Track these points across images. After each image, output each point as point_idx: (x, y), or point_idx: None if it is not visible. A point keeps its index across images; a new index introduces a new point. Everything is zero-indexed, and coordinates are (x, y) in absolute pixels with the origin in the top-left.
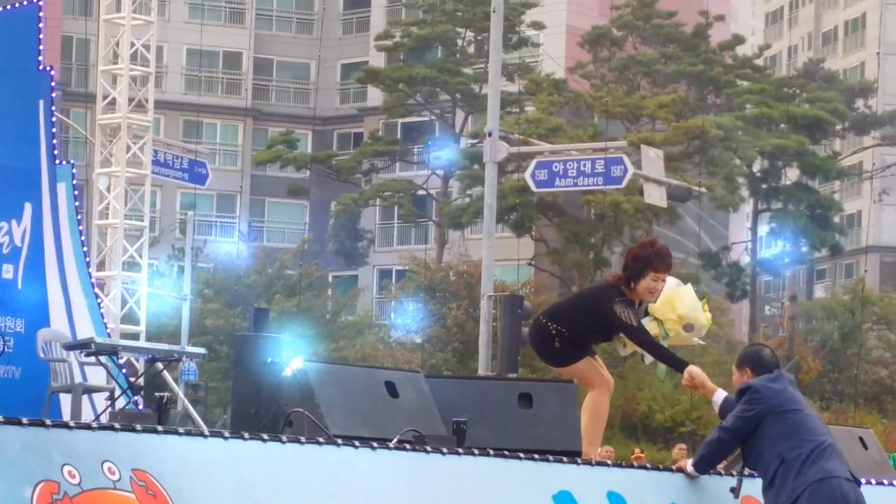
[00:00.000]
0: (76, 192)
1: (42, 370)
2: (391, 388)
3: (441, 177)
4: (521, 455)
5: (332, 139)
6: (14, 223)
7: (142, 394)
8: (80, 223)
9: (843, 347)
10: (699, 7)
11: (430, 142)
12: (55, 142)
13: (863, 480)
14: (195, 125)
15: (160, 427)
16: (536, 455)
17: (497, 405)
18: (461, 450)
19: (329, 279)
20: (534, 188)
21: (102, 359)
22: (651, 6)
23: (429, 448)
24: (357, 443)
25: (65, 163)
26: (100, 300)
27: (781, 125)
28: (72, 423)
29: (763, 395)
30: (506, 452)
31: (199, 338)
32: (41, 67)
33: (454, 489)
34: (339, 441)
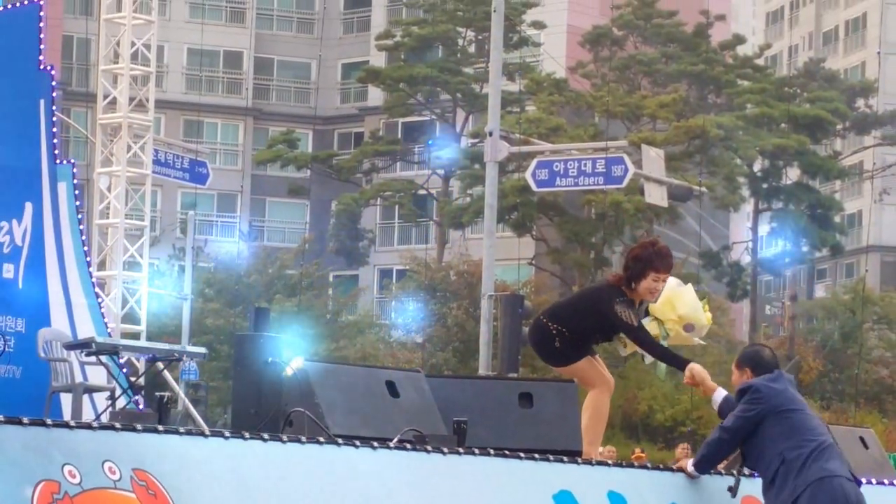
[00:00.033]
0: (77, 192)
1: (43, 370)
2: (392, 388)
3: (442, 176)
4: (522, 455)
5: (333, 139)
6: (15, 223)
7: (142, 393)
8: (81, 223)
9: (844, 347)
10: (700, 7)
11: (431, 141)
12: (56, 141)
13: (863, 480)
14: (196, 125)
15: (161, 427)
16: (537, 455)
17: (497, 405)
18: (462, 449)
19: (330, 279)
20: (534, 188)
21: (103, 358)
22: (652, 6)
23: (429, 448)
24: (358, 442)
25: (65, 162)
26: (100, 300)
27: (782, 125)
28: (72, 423)
29: (764, 395)
30: (506, 452)
31: (200, 337)
32: (42, 67)
33: (455, 489)
34: (340, 441)
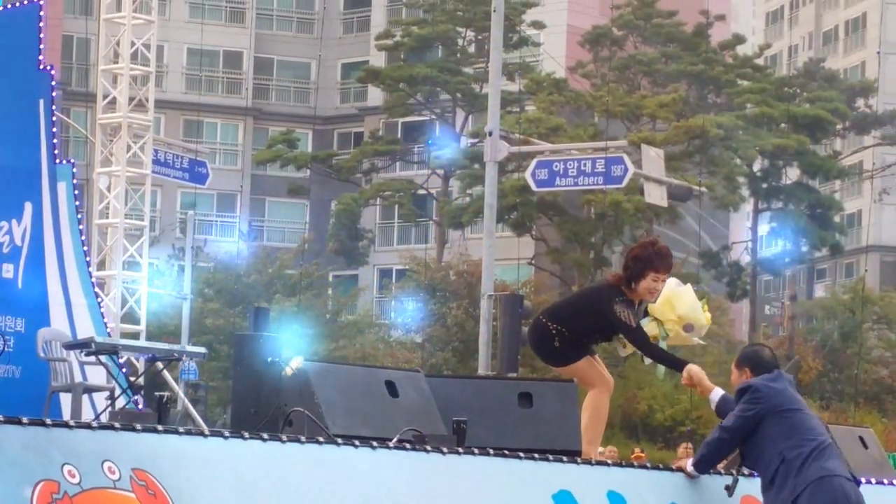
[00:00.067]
0: (76, 192)
1: (42, 369)
2: (391, 388)
3: (441, 176)
4: (521, 454)
5: (333, 139)
6: (14, 222)
7: (142, 393)
8: (81, 222)
9: (844, 347)
10: (700, 6)
11: (431, 141)
12: (55, 141)
13: (863, 480)
14: (195, 124)
15: (160, 426)
16: (536, 454)
17: (497, 405)
18: (461, 449)
19: (329, 279)
20: (534, 187)
21: (102, 358)
22: (651, 6)
23: (429, 447)
24: (357, 442)
25: (65, 162)
26: (100, 299)
27: (782, 125)
28: (72, 423)
29: (764, 395)
30: (506, 452)
31: (200, 337)
32: (41, 67)
33: (454, 488)
34: (339, 440)
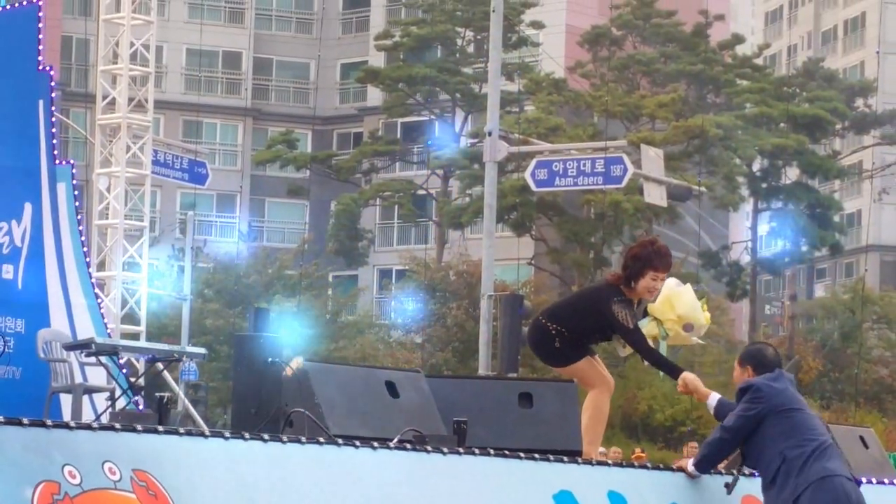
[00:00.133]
0: (76, 193)
1: (42, 370)
2: (391, 388)
3: (441, 176)
4: (522, 455)
5: (332, 139)
6: (14, 223)
7: (142, 394)
8: (80, 223)
9: (844, 347)
10: (699, 6)
11: (430, 141)
12: (55, 142)
13: (863, 480)
14: (195, 125)
15: (161, 427)
16: (537, 455)
17: (497, 405)
18: (461, 449)
19: (329, 279)
20: (534, 187)
21: (103, 359)
22: (650, 5)
23: (429, 448)
24: (357, 443)
25: (65, 163)
26: (100, 300)
27: (781, 124)
28: (72, 424)
29: (765, 394)
30: (506, 452)
31: (200, 338)
32: (41, 67)
33: (454, 489)
34: (340, 441)
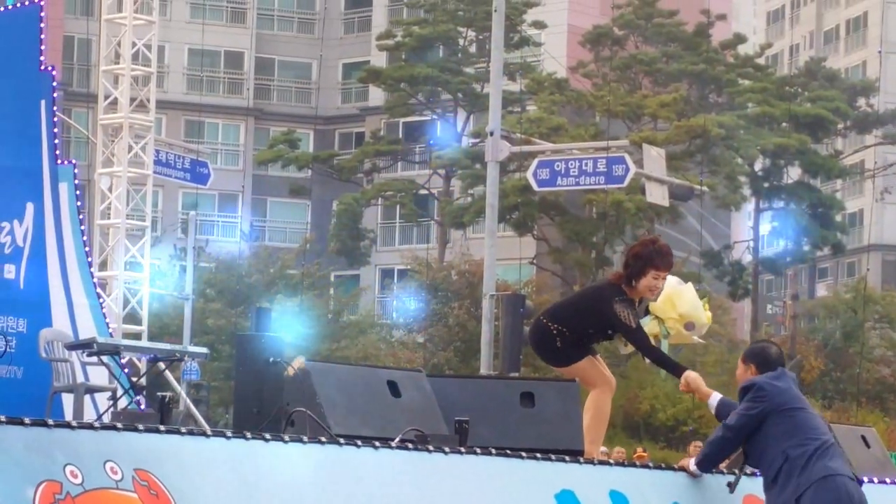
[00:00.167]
0: (78, 192)
1: (44, 370)
2: (393, 388)
3: (443, 176)
4: (524, 454)
5: (334, 139)
6: (16, 223)
7: (144, 393)
8: (82, 223)
9: (846, 346)
10: (701, 6)
11: (432, 141)
12: (57, 142)
13: (865, 479)
14: (197, 125)
15: (162, 427)
16: (539, 454)
17: (499, 404)
18: (463, 449)
19: (331, 279)
20: (535, 187)
21: (104, 359)
22: (652, 5)
23: (431, 447)
24: (359, 442)
25: (66, 163)
26: (102, 300)
27: (783, 124)
28: (74, 423)
29: (768, 393)
30: (508, 452)
31: (201, 337)
32: (43, 67)
33: (456, 488)
34: (342, 440)
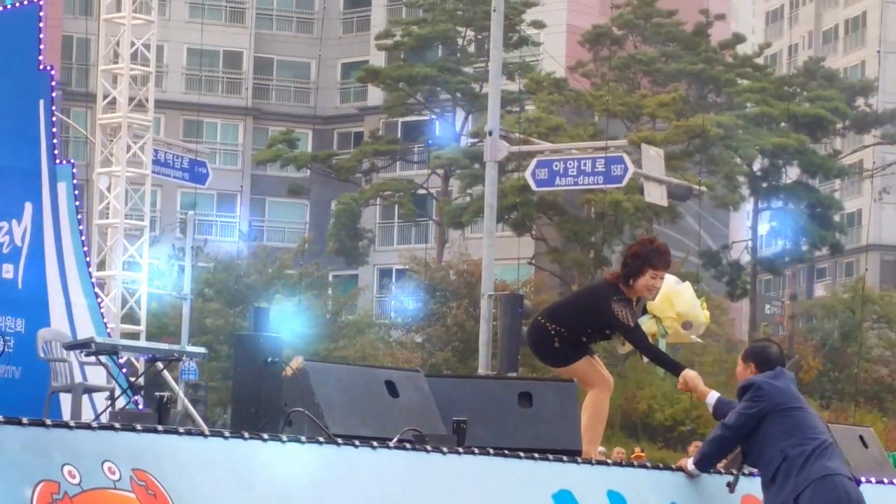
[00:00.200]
0: (76, 192)
1: (42, 370)
2: (391, 388)
3: (441, 176)
4: (521, 454)
5: (333, 138)
6: (14, 223)
7: (142, 393)
8: (81, 223)
9: (844, 346)
10: (699, 6)
11: (431, 141)
12: (55, 141)
13: (863, 479)
14: (195, 125)
15: (160, 427)
16: (536, 454)
17: (497, 404)
18: (461, 449)
19: (329, 278)
20: (534, 187)
21: (102, 358)
22: (651, 5)
23: (429, 447)
24: (357, 442)
25: (65, 162)
26: (100, 300)
27: (782, 124)
28: (72, 423)
29: (766, 393)
30: (506, 452)
31: (200, 337)
32: (41, 67)
33: (454, 488)
34: (340, 440)
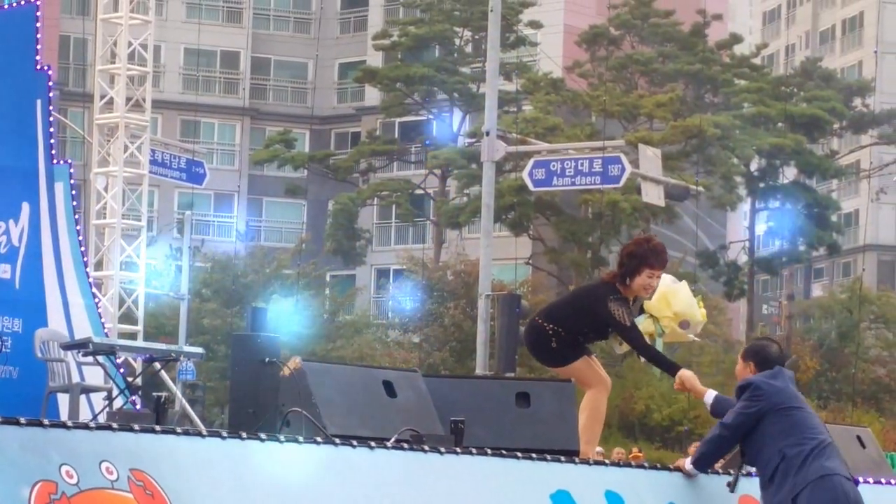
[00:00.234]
0: (74, 192)
1: (40, 370)
2: (389, 388)
3: (439, 176)
4: (519, 454)
5: (330, 138)
6: (12, 223)
7: (139, 393)
8: (78, 223)
9: (841, 346)
10: (697, 6)
11: (428, 141)
12: (53, 141)
13: (860, 479)
14: (193, 125)
15: (158, 427)
16: (534, 454)
17: (495, 404)
18: (459, 449)
19: (326, 278)
20: (531, 187)
21: (100, 358)
22: (649, 5)
23: (426, 447)
24: (355, 442)
25: (62, 162)
26: (97, 300)
27: (779, 124)
28: (69, 423)
29: (765, 392)
30: (503, 452)
31: (197, 337)
32: (39, 67)
33: (452, 488)
34: (337, 441)
